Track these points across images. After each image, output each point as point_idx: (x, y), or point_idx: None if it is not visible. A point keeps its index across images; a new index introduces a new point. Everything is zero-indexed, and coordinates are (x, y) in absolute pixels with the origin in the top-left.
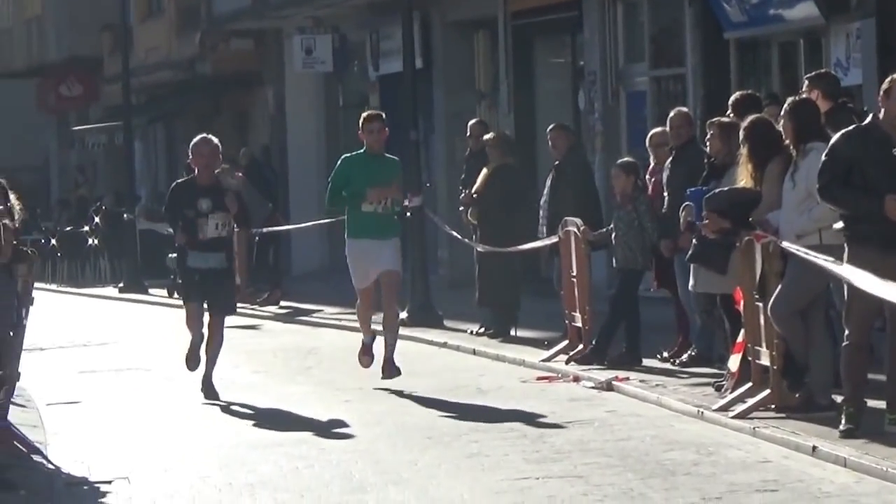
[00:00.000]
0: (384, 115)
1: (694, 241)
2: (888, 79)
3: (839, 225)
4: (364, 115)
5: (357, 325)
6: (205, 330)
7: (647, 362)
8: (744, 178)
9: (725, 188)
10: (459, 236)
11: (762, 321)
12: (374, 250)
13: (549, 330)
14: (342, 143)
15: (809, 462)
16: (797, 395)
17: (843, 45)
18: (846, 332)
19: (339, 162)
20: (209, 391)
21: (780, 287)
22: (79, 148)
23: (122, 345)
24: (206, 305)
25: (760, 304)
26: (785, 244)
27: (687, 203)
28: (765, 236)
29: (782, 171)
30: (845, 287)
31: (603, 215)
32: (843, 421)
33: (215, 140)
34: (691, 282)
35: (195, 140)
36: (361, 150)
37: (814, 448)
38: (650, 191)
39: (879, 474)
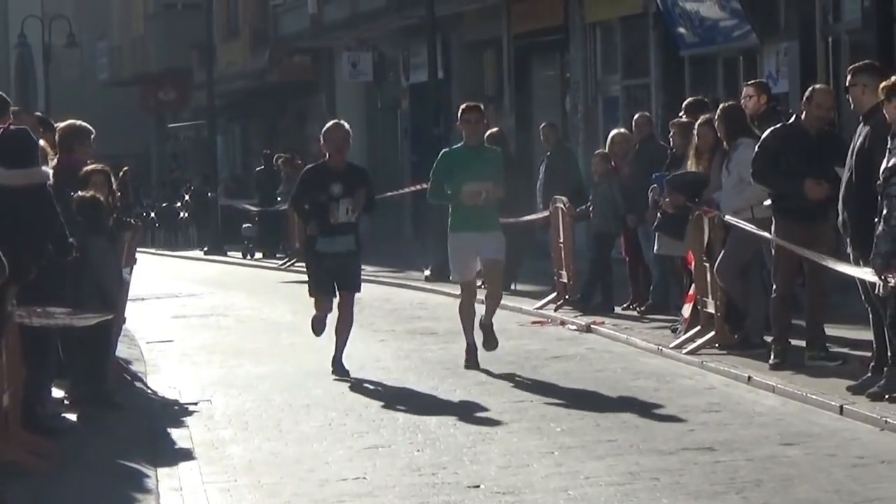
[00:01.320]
0: (483, 107)
1: (659, 214)
2: (809, 88)
3: (768, 202)
4: (462, 106)
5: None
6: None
7: (618, 310)
8: (693, 165)
9: (681, 172)
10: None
11: (709, 278)
12: (476, 242)
13: (542, 285)
14: (379, 137)
15: (745, 389)
16: (736, 336)
17: (774, 61)
18: (774, 286)
19: (439, 156)
20: (339, 369)
21: (723, 251)
22: (173, 141)
23: (205, 296)
24: (335, 285)
25: (707, 265)
26: (727, 217)
27: (654, 185)
28: (711, 211)
29: (721, 161)
30: (773, 250)
31: (586, 194)
32: (772, 356)
33: (346, 125)
34: (655, 246)
35: (327, 126)
36: (460, 144)
37: (749, 378)
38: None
39: (801, 398)
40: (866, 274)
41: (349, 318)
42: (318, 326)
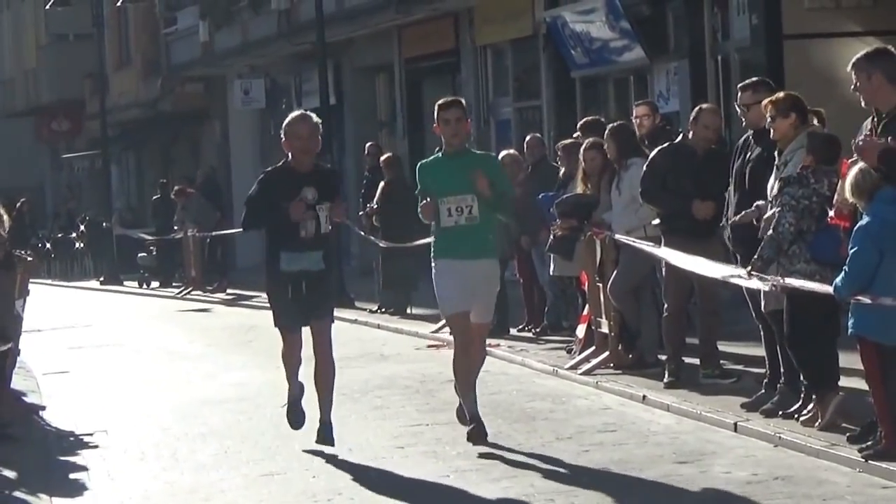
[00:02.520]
0: (464, 101)
1: (551, 235)
2: (696, 108)
3: (657, 221)
4: (438, 102)
5: None
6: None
7: (513, 332)
8: (581, 187)
9: (570, 194)
10: (365, 234)
11: (602, 297)
12: (467, 273)
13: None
14: (273, 164)
15: (641, 408)
16: (630, 356)
17: (664, 80)
18: (665, 304)
19: (417, 171)
20: (327, 437)
21: (615, 271)
22: (67, 171)
23: (101, 326)
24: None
25: (600, 285)
26: (618, 236)
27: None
28: (601, 232)
29: (610, 182)
30: (664, 268)
31: None
32: (666, 375)
33: (315, 118)
34: (551, 268)
35: (290, 118)
36: (438, 152)
37: (644, 397)
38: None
39: (695, 416)
40: (749, 282)
41: (328, 359)
42: (290, 364)
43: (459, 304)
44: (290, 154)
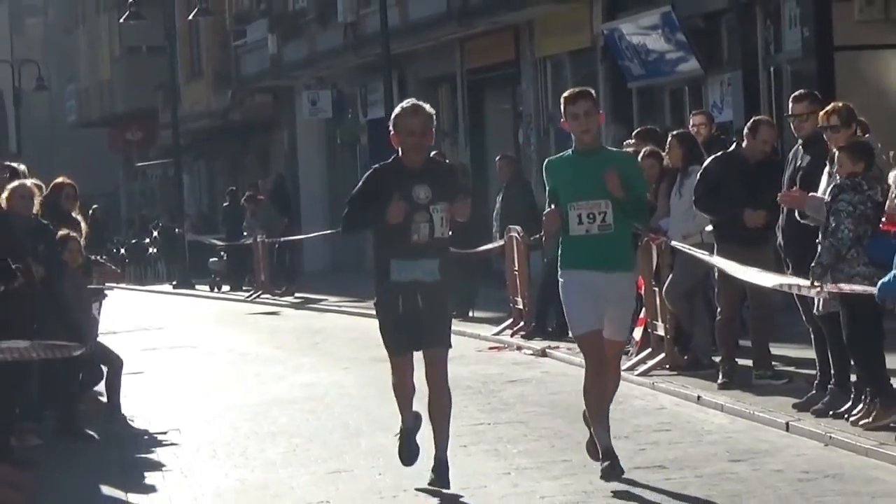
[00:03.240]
0: (594, 93)
1: None
2: (752, 119)
3: (710, 228)
4: (564, 94)
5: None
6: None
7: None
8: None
9: None
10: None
11: (657, 301)
12: (599, 287)
13: (498, 311)
14: (339, 172)
15: (695, 408)
16: (685, 358)
17: (718, 91)
18: (719, 308)
19: (543, 169)
20: (441, 477)
21: (671, 276)
22: (141, 179)
23: (174, 328)
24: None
25: (656, 289)
26: (673, 243)
27: None
28: (658, 238)
29: (668, 189)
30: (716, 273)
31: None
32: (720, 376)
33: (429, 109)
34: None
35: (400, 110)
36: (569, 151)
37: (698, 397)
38: None
39: (748, 416)
40: (804, 289)
41: (444, 390)
42: (402, 395)
43: (591, 322)
44: (399, 150)
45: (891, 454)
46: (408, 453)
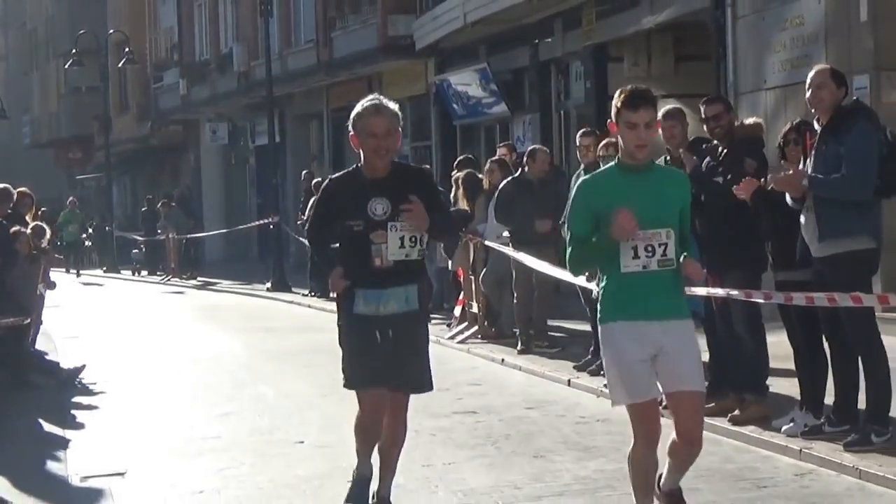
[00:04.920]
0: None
1: None
2: (530, 148)
3: (506, 233)
4: (623, 95)
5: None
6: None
7: None
8: (462, 204)
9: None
10: (299, 238)
11: (473, 287)
12: (655, 340)
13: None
14: (233, 185)
15: (500, 368)
16: (493, 329)
17: (521, 128)
18: (516, 293)
19: (574, 191)
20: None
21: (485, 267)
22: (79, 188)
23: (104, 304)
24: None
25: (473, 277)
26: (487, 242)
27: None
28: (475, 238)
29: (486, 201)
30: (513, 267)
31: None
32: (518, 344)
33: (393, 107)
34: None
35: (361, 109)
36: (610, 164)
37: (502, 360)
38: None
39: (540, 375)
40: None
41: (401, 431)
42: (366, 437)
43: (648, 389)
44: (361, 156)
45: None
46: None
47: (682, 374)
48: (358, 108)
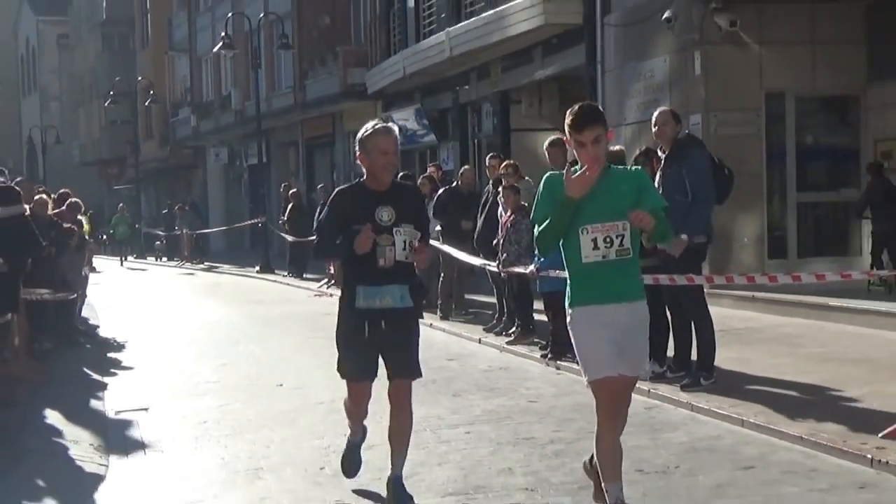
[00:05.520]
0: (600, 112)
1: None
2: (462, 169)
3: (438, 228)
4: (571, 114)
5: None
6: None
7: None
8: None
9: None
10: (281, 233)
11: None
12: (616, 320)
13: (317, 272)
14: (231, 194)
15: (429, 330)
16: (424, 302)
17: (446, 153)
18: (441, 274)
19: (541, 185)
20: (398, 497)
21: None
22: (116, 196)
23: (134, 282)
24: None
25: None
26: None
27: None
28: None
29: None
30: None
31: None
32: (438, 312)
33: (396, 130)
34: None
35: (372, 130)
36: (573, 168)
37: (430, 324)
38: None
39: (457, 335)
40: (492, 266)
41: (406, 420)
42: (354, 415)
43: (612, 365)
44: (366, 171)
45: (535, 356)
46: (350, 464)
47: (631, 359)
48: (367, 130)
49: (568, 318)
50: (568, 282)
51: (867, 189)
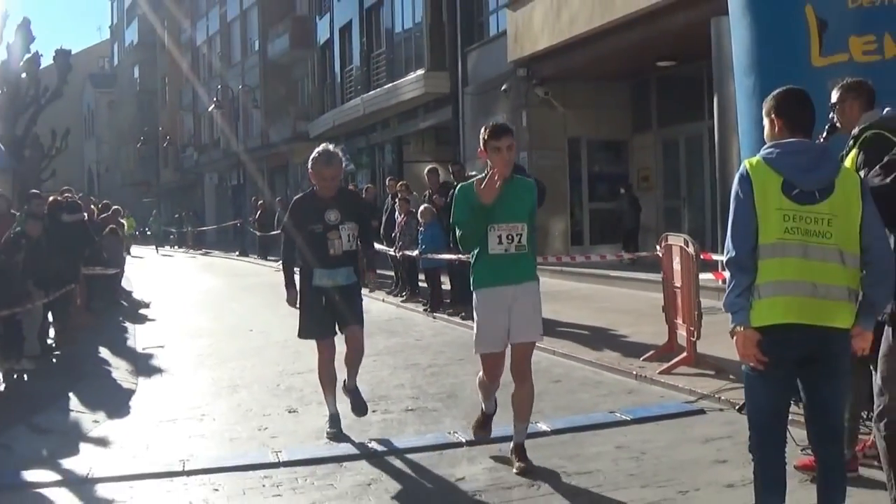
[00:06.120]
0: (511, 127)
1: None
2: (367, 185)
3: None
4: (488, 128)
5: None
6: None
7: None
8: None
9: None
10: (253, 230)
11: None
12: (509, 297)
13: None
14: (221, 206)
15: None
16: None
17: (361, 176)
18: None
19: (455, 193)
20: (356, 404)
21: None
22: (143, 206)
23: (151, 260)
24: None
25: None
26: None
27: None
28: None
29: None
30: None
31: None
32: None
33: (340, 156)
34: None
35: (317, 156)
36: (484, 174)
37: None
38: None
39: (368, 297)
40: (390, 251)
41: (360, 348)
42: (326, 375)
43: (498, 344)
44: (314, 185)
45: (419, 310)
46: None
47: (521, 329)
48: (315, 154)
49: (474, 300)
50: (473, 268)
51: (619, 200)
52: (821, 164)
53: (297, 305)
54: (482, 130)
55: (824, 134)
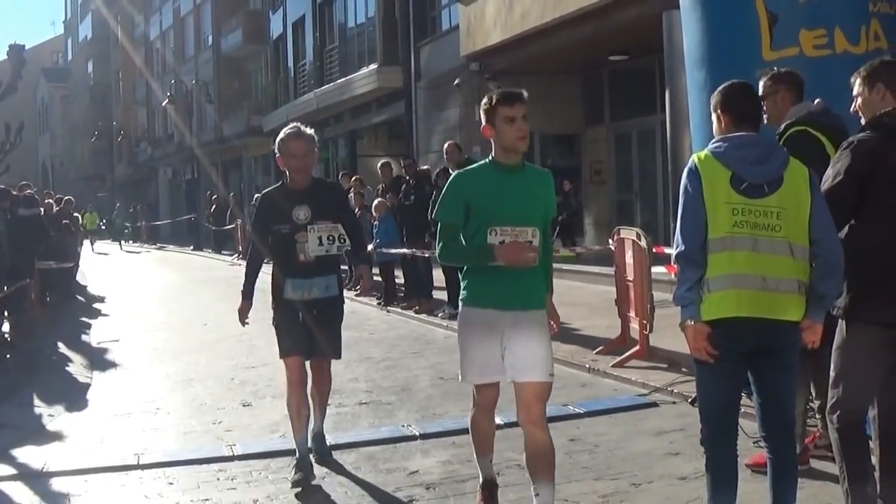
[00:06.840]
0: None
1: None
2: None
3: None
4: (496, 95)
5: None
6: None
7: None
8: None
9: None
10: (207, 224)
11: None
12: (504, 327)
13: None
14: (175, 201)
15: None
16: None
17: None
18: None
19: (448, 183)
20: (319, 449)
21: None
22: (97, 200)
23: (114, 255)
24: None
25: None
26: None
27: None
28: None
29: None
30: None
31: None
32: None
33: (310, 132)
34: None
35: (284, 134)
36: (486, 160)
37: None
38: None
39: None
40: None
41: (325, 385)
42: (294, 405)
43: (493, 373)
44: (286, 173)
45: (373, 304)
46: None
47: (525, 366)
48: (281, 134)
49: (459, 314)
50: (463, 277)
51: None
52: (769, 157)
53: (244, 322)
54: (484, 100)
55: None
